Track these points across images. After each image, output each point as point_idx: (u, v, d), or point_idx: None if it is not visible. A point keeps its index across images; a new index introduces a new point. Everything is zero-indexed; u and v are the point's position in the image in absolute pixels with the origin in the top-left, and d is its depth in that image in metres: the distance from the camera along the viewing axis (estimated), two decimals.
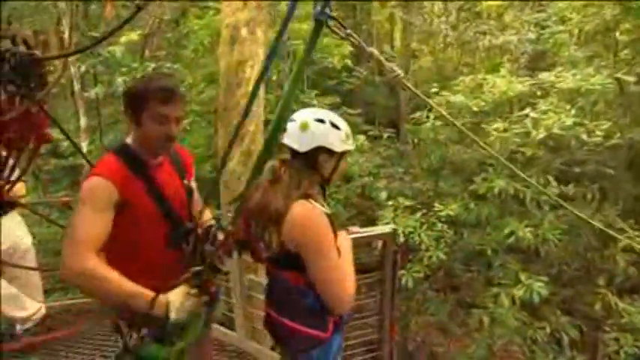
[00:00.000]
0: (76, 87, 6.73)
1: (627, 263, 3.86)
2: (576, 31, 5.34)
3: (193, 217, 1.44)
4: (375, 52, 1.16)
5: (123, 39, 6.67)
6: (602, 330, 4.11)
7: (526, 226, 3.29)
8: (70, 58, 6.56)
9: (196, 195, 1.54)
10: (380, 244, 1.94)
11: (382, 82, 9.97)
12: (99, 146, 7.19)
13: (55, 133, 1.40)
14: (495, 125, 3.60)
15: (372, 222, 6.50)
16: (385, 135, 6.36)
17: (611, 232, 2.30)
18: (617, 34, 4.74)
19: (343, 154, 1.32)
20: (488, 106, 4.01)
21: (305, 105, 5.32)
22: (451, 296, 5.84)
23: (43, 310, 2.73)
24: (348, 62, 6.44)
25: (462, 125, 4.58)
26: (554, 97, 3.70)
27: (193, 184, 1.52)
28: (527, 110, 3.53)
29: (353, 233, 1.75)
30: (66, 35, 6.66)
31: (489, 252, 3.62)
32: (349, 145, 1.32)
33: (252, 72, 3.90)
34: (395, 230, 1.99)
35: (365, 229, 1.96)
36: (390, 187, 4.94)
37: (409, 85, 1.21)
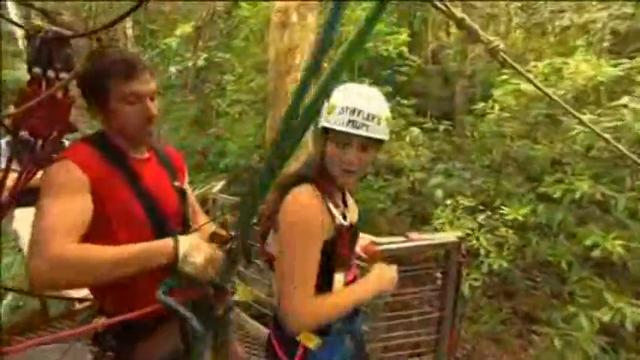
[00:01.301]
0: None
1: None
2: None
3: (188, 225, 1.23)
4: (469, 20, 0.93)
5: (178, 31, 6.87)
6: None
7: (614, 237, 2.77)
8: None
9: (192, 200, 1.34)
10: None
11: (436, 72, 9.34)
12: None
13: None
14: (581, 117, 3.06)
15: (423, 219, 6.12)
16: (441, 127, 5.90)
17: None
18: None
19: (329, 133, 1.07)
20: (569, 95, 3.45)
21: None
22: (505, 304, 5.34)
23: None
24: (404, 50, 6.04)
25: (534, 117, 4.08)
26: None
27: (187, 188, 1.32)
28: (625, 99, 2.95)
29: (413, 240, 1.51)
30: (129, 30, 7.00)
31: (563, 264, 3.14)
32: (331, 122, 1.05)
33: (302, 58, 3.73)
34: (462, 239, 1.70)
35: (427, 236, 1.70)
36: (446, 184, 4.53)
37: (507, 57, 0.98)
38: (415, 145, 5.32)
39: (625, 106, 2.93)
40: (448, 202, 3.87)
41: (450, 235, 1.72)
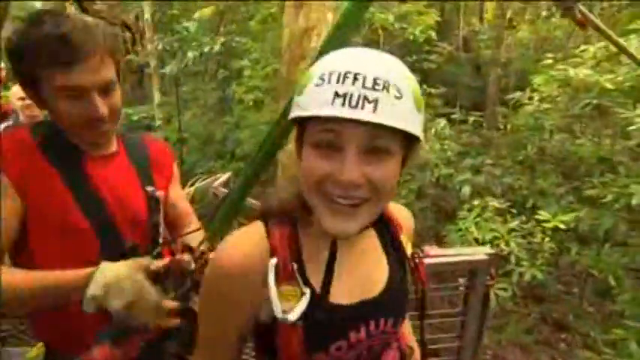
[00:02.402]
0: (152, 63, 6.93)
1: None
2: None
3: (157, 236, 0.98)
4: None
5: (197, 14, 6.70)
6: None
7: None
8: (148, 37, 6.79)
9: (180, 208, 1.10)
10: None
11: (468, 60, 8.77)
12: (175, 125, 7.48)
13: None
14: (639, 110, 2.62)
15: (447, 216, 5.76)
16: (471, 119, 5.46)
17: None
18: None
19: (304, 130, 0.61)
20: (628, 83, 2.96)
21: None
22: (534, 309, 4.96)
23: None
24: (432, 34, 5.59)
25: (582, 109, 3.61)
26: None
27: (174, 194, 1.08)
28: None
29: (430, 257, 1.20)
30: (147, 15, 6.88)
31: (610, 279, 2.74)
32: (301, 105, 0.57)
33: (318, 41, 3.41)
34: (494, 256, 1.39)
35: (449, 252, 1.39)
36: (474, 180, 4.14)
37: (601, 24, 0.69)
38: (442, 137, 4.92)
39: None
40: (475, 202, 3.50)
41: (478, 251, 1.40)
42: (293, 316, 0.58)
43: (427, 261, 1.03)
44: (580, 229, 3.17)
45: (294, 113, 0.59)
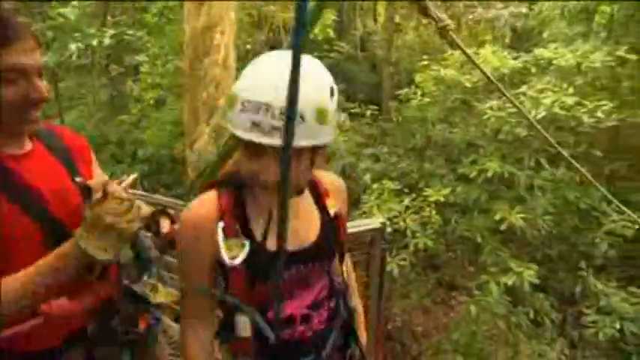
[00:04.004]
0: None
1: (608, 246, 3.82)
2: (558, 9, 5.13)
3: None
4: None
5: (75, 2, 5.93)
6: (582, 313, 4.12)
7: (517, 212, 3.11)
8: None
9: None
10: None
11: (365, 58, 9.55)
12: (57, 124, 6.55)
13: None
14: (490, 103, 3.34)
15: (355, 203, 6.30)
16: (368, 112, 6.04)
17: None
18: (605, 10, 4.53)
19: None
20: (480, 83, 3.73)
21: None
22: (432, 276, 5.79)
23: None
24: (331, 33, 5.99)
25: (452, 103, 4.34)
26: (551, 75, 3.46)
27: (96, 181, 1.05)
28: (524, 88, 3.27)
29: None
30: None
31: (479, 238, 3.44)
32: (232, 123, 0.80)
33: (222, 38, 3.44)
34: (384, 224, 1.70)
35: (349, 224, 1.66)
36: (374, 168, 4.66)
37: (456, 38, 0.98)
38: (344, 130, 5.37)
39: (524, 94, 3.26)
40: (375, 186, 3.97)
41: (373, 222, 1.71)
42: (235, 261, 0.82)
43: None
44: (457, 202, 3.87)
45: (229, 126, 0.81)
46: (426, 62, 4.35)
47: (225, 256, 0.81)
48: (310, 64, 0.80)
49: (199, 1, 3.43)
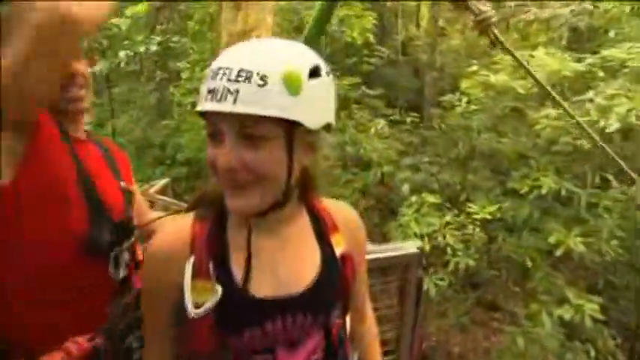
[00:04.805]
0: None
1: None
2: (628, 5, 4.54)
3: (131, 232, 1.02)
4: None
5: (129, 11, 6.27)
6: None
7: (576, 235, 2.71)
8: None
9: (143, 206, 1.20)
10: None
11: (406, 63, 9.25)
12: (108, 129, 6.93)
13: None
14: (545, 112, 2.97)
15: (391, 212, 6.04)
16: (408, 119, 5.77)
17: None
18: None
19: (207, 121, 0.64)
20: (534, 88, 3.36)
21: None
22: (471, 294, 5.39)
23: None
24: (370, 37, 5.81)
25: (502, 110, 4.00)
26: (623, 79, 3.00)
27: (136, 190, 1.13)
28: (590, 94, 2.87)
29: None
30: None
31: (528, 261, 3.08)
32: (203, 103, 0.60)
33: None
34: (422, 249, 1.50)
35: (382, 247, 1.49)
36: (414, 178, 4.40)
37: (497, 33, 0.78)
38: (382, 137, 5.15)
39: (591, 100, 2.85)
40: (414, 198, 3.72)
41: (409, 246, 1.51)
42: (199, 313, 0.61)
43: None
44: (504, 219, 3.52)
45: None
46: (475, 67, 4.03)
47: (188, 302, 0.61)
48: (298, 44, 0.64)
49: (237, 6, 3.40)
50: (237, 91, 0.55)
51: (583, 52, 4.02)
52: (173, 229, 0.70)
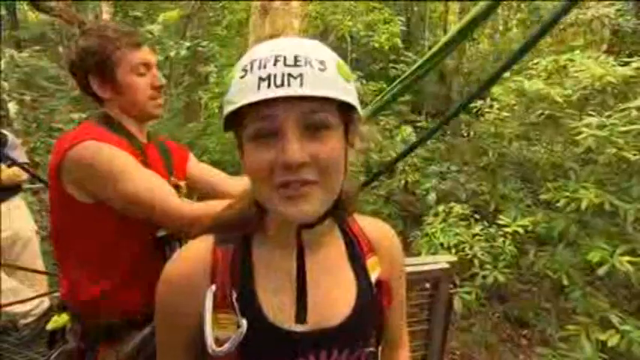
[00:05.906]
0: None
1: None
2: None
3: None
4: None
5: (161, 17, 6.52)
6: None
7: (621, 253, 2.51)
8: None
9: (204, 169, 1.34)
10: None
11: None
12: None
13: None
14: (587, 120, 2.79)
15: (416, 220, 5.90)
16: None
17: None
18: None
19: (238, 128, 0.60)
20: (574, 95, 3.17)
21: None
22: (498, 308, 5.15)
23: (46, 304, 2.55)
24: (397, 42, 5.74)
25: (536, 118, 3.82)
26: None
27: (197, 167, 1.28)
28: (638, 101, 2.67)
29: None
30: (106, 16, 6.58)
31: (563, 278, 2.89)
32: (230, 101, 0.56)
33: None
34: (453, 264, 1.42)
35: (413, 261, 1.41)
36: (440, 187, 4.27)
37: None
38: (408, 144, 5.05)
39: (638, 108, 2.65)
40: (440, 207, 3.59)
41: (440, 260, 1.42)
42: (223, 350, 0.54)
43: None
44: (536, 232, 3.33)
45: (225, 111, 0.55)
46: (507, 73, 3.88)
47: (208, 337, 0.54)
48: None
49: (265, 11, 3.44)
50: (301, 75, 0.51)
51: (624, 56, 3.79)
52: (192, 253, 0.62)
